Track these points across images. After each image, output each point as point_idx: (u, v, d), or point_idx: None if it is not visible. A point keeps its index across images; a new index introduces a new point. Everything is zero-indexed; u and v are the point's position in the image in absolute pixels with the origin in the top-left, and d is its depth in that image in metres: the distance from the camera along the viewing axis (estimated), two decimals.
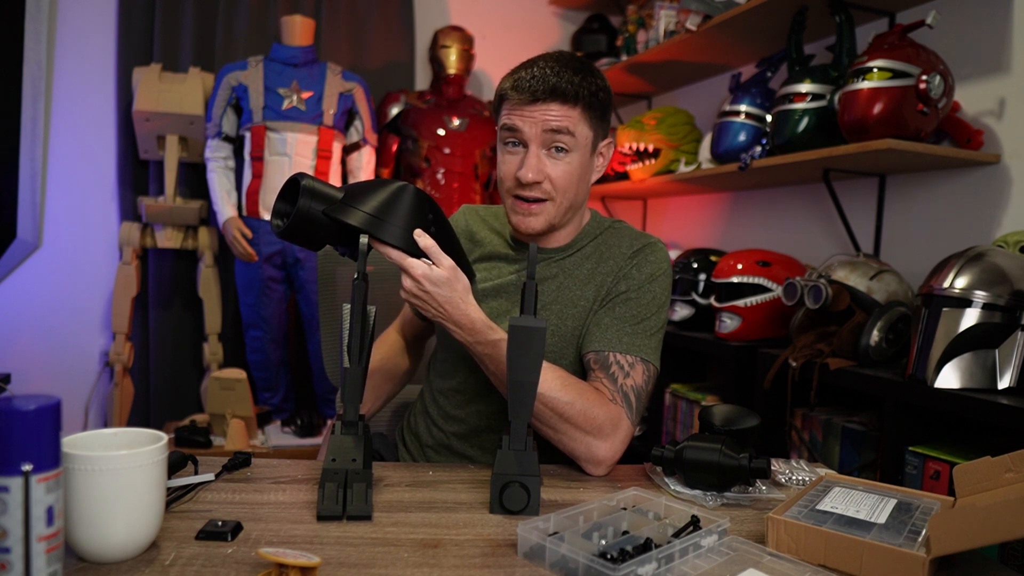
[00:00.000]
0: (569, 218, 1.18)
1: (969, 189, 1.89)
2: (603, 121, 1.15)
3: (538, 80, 1.08)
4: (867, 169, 2.07)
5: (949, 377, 1.42)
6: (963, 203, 1.90)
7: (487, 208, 1.33)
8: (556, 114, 1.08)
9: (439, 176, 3.08)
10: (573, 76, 1.09)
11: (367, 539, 0.79)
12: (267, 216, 2.78)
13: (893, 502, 0.85)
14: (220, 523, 0.79)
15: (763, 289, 2.04)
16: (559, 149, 1.10)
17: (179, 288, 3.07)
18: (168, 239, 2.91)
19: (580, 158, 1.12)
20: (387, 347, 1.33)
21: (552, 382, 1.03)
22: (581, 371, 1.18)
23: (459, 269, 1.01)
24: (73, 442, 0.72)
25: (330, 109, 2.83)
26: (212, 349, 2.96)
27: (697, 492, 0.99)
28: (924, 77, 1.67)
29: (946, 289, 1.43)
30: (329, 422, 2.91)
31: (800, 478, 1.05)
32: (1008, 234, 1.62)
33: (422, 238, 0.97)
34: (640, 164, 2.70)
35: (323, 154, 2.82)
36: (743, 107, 2.25)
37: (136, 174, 3.01)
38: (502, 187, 1.16)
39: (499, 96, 1.15)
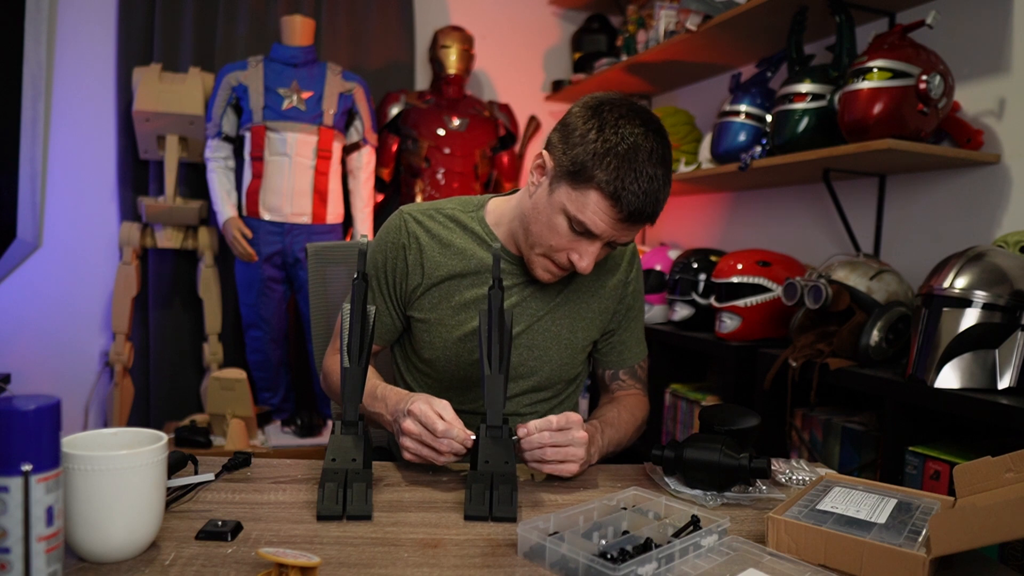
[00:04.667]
0: None
1: (969, 189, 1.89)
2: None
3: (644, 203, 1.02)
4: (867, 169, 2.07)
5: (949, 377, 1.42)
6: (963, 203, 1.90)
7: (442, 206, 1.23)
8: (632, 233, 1.09)
9: (439, 176, 3.08)
10: (661, 198, 1.05)
11: (367, 539, 0.80)
12: (267, 216, 2.78)
13: (893, 502, 0.85)
14: (220, 523, 0.79)
15: (763, 289, 2.04)
16: None
17: (179, 288, 3.07)
18: (168, 239, 2.91)
19: None
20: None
21: (618, 438, 1.18)
22: (579, 370, 1.28)
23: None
24: (73, 442, 0.72)
25: (330, 109, 2.83)
26: (212, 349, 2.96)
27: (697, 492, 0.99)
28: (924, 77, 1.67)
29: (946, 289, 1.42)
30: (329, 423, 2.92)
31: (800, 478, 1.05)
32: (1008, 234, 1.61)
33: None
34: None
35: (323, 154, 2.82)
36: (743, 107, 2.24)
37: (136, 174, 3.00)
38: (542, 243, 1.10)
39: (590, 178, 1.02)
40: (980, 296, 1.39)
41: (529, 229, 1.11)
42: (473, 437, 0.96)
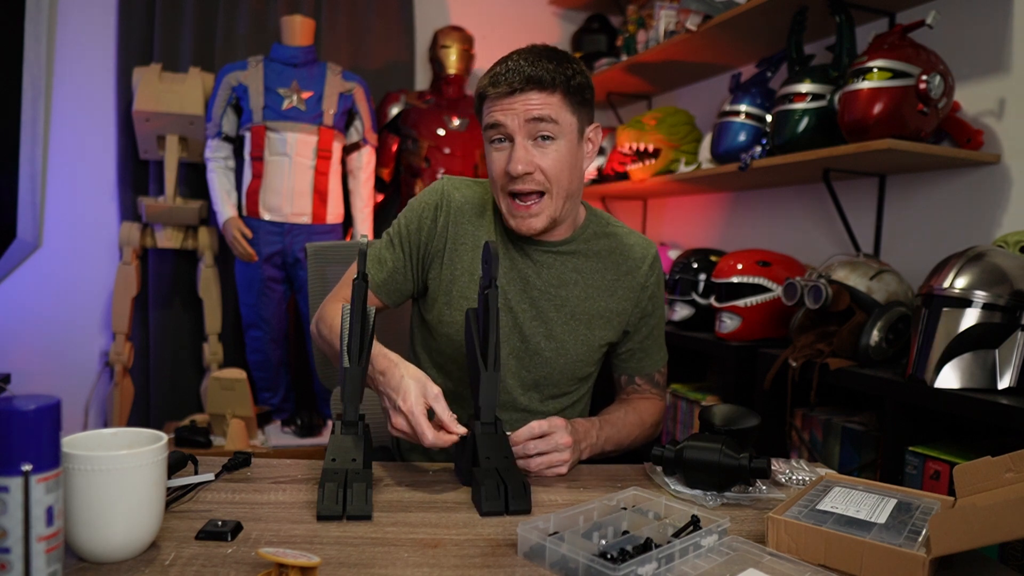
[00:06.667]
0: (568, 209, 1.18)
1: (969, 189, 1.89)
2: (585, 106, 1.15)
3: (513, 72, 1.08)
4: (867, 169, 2.07)
5: (949, 377, 1.42)
6: (963, 203, 1.90)
7: (485, 180, 1.27)
8: (536, 102, 1.08)
9: (439, 176, 3.08)
10: (548, 64, 1.09)
11: (367, 539, 0.80)
12: (267, 216, 2.78)
13: (893, 502, 0.85)
14: (220, 523, 0.79)
15: (763, 289, 2.04)
16: (545, 138, 1.10)
17: (179, 288, 3.07)
18: (168, 239, 2.90)
19: (568, 145, 1.12)
20: None
21: (618, 438, 1.20)
22: (591, 370, 1.28)
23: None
24: (73, 442, 0.72)
25: (330, 109, 2.83)
26: (212, 349, 2.96)
27: (697, 492, 0.99)
28: (924, 77, 1.67)
29: (946, 289, 1.42)
30: (329, 423, 2.92)
31: (800, 478, 1.05)
32: (1008, 234, 1.61)
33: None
34: (640, 164, 2.70)
35: (323, 154, 2.82)
36: (743, 107, 2.24)
37: (136, 174, 3.00)
38: (495, 187, 1.15)
39: (479, 96, 1.15)
40: (980, 296, 1.39)
41: (490, 181, 1.18)
42: (463, 431, 0.97)
